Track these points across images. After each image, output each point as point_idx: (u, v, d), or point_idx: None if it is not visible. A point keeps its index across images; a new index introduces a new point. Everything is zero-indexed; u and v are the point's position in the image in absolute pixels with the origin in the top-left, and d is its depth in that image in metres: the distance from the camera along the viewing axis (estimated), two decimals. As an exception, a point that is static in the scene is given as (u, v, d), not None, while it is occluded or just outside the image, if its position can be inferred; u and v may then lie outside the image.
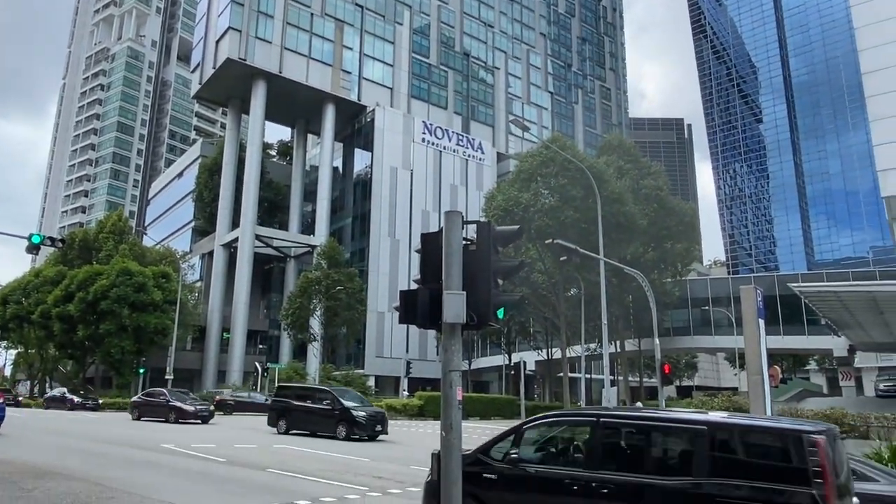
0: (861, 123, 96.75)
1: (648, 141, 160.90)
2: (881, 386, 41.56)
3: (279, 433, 22.81)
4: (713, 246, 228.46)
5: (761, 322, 20.75)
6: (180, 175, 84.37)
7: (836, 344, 46.70)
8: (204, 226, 73.39)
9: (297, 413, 23.02)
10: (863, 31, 25.16)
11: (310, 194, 70.26)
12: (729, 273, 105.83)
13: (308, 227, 69.22)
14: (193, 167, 77.87)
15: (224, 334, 62.30)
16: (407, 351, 59.70)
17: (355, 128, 69.91)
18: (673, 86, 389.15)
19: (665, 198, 42.65)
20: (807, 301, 32.71)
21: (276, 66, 62.58)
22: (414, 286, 6.71)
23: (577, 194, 34.93)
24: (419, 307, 5.95)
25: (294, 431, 23.09)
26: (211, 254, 67.46)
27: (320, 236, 62.31)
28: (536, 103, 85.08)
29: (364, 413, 21.67)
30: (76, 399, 41.44)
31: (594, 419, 6.29)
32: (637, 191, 40.67)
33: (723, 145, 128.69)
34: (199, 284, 70.01)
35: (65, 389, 46.54)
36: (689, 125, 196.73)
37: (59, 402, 41.48)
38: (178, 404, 28.25)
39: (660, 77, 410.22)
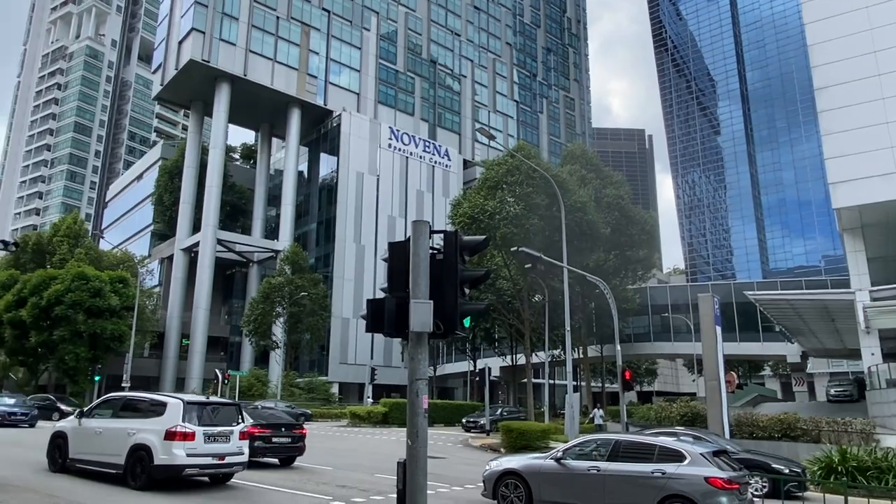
0: (813, 136, 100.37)
1: (611, 151, 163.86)
2: (832, 391, 42.92)
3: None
4: (673, 254, 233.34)
5: (718, 329, 21.36)
6: (139, 178, 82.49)
7: (790, 350, 48.22)
8: (163, 230, 71.86)
9: None
10: (816, 48, 26.12)
11: (274, 199, 69.46)
12: (687, 280, 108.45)
13: (272, 231, 68.37)
14: (153, 170, 76.23)
15: (183, 341, 60.99)
16: (371, 357, 59.35)
17: (321, 132, 69.42)
18: (637, 100, 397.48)
19: (626, 206, 43.39)
20: (762, 309, 33.68)
21: (240, 69, 61.77)
22: (380, 293, 6.74)
23: (542, 202, 35.29)
24: (386, 316, 5.98)
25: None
26: (170, 258, 66.02)
27: (284, 241, 61.59)
28: (502, 112, 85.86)
29: None
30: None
31: None
32: (599, 199, 41.32)
33: (682, 156, 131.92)
34: (157, 290, 68.39)
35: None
36: (650, 136, 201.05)
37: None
38: None
39: (625, 92, 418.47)
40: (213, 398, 13.23)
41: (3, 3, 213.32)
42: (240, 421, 12.37)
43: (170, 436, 10.97)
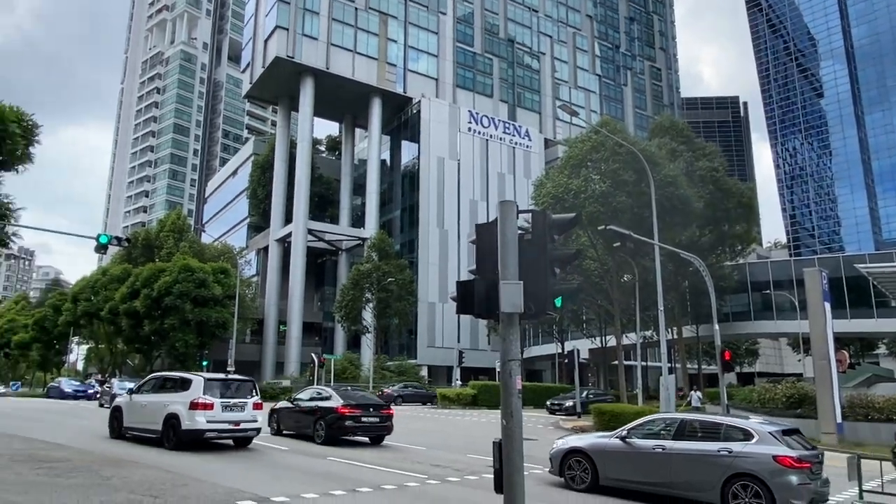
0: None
1: (702, 121, 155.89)
2: (960, 370, 39.31)
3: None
4: (773, 227, 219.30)
5: (827, 305, 20.01)
6: (234, 173, 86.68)
7: (909, 327, 44.39)
8: (258, 222, 75.28)
9: None
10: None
11: (359, 188, 71.12)
12: (791, 255, 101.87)
13: (358, 220, 70.13)
14: (247, 165, 79.85)
15: (281, 327, 63.91)
16: (458, 340, 59.93)
17: (402, 120, 70.25)
18: (729, 66, 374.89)
19: (721, 179, 41.25)
20: (875, 283, 31.17)
21: (322, 63, 63.40)
22: (464, 276, 6.72)
23: (629, 179, 34.12)
24: (476, 297, 5.95)
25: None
26: (266, 249, 69.15)
27: (370, 229, 63.04)
28: (584, 87, 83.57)
29: None
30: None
31: None
32: (691, 173, 39.45)
33: (781, 122, 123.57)
34: (255, 279, 71.97)
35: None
36: (745, 103, 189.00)
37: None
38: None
39: (716, 58, 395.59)
40: (231, 375, 15.27)
41: (105, 14, 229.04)
42: (254, 394, 14.46)
43: (193, 406, 13.30)
